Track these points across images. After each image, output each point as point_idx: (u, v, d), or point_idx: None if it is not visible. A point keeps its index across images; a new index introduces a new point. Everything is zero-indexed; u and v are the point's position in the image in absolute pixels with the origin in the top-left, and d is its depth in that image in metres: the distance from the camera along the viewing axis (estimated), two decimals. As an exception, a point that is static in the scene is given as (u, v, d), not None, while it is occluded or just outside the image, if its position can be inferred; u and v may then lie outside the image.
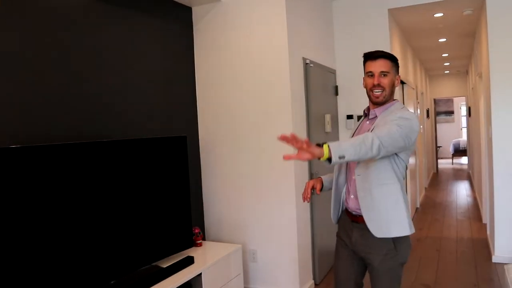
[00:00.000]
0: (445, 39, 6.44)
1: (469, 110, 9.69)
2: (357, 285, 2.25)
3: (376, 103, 2.13)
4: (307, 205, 3.78)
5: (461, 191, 8.51)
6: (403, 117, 1.98)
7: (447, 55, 7.96)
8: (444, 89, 11.41)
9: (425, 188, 9.01)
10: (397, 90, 5.46)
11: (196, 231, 3.45)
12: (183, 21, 3.72)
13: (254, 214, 3.71)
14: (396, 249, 2.07)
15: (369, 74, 2.13)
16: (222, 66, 3.75)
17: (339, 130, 4.79)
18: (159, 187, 2.97)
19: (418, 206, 7.18)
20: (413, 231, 2.07)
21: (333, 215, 2.29)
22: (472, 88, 7.97)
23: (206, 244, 3.49)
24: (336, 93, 4.71)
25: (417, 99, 7.43)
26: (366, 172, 2.06)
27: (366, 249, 2.11)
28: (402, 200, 2.07)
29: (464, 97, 12.39)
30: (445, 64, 9.21)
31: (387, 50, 4.55)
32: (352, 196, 2.16)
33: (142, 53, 3.23)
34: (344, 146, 1.76)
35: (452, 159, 13.70)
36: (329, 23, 4.66)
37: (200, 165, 3.92)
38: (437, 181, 10.06)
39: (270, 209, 3.64)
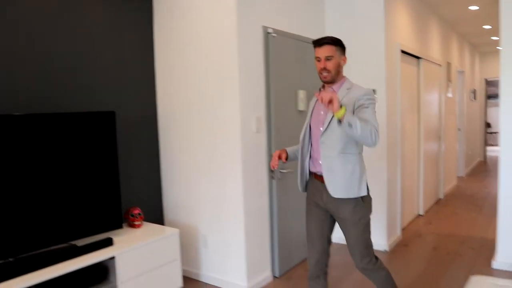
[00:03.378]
0: (477, 7, 5.58)
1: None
2: (327, 240, 2.54)
3: (326, 82, 2.43)
4: (263, 189, 3.40)
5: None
6: (370, 98, 2.32)
7: (490, 27, 6.98)
8: (497, 68, 10.15)
9: (462, 177, 8.14)
10: (410, 66, 4.83)
11: (135, 211, 3.22)
12: (137, -15, 3.42)
13: (206, 197, 3.41)
14: (364, 202, 2.41)
15: (317, 59, 2.40)
16: (180, 38, 3.42)
17: (325, 108, 4.29)
18: (84, 165, 2.77)
19: (442, 197, 6.47)
20: (365, 194, 2.40)
21: (300, 183, 2.58)
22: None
23: (147, 226, 3.25)
24: (321, 67, 4.20)
25: (448, 78, 6.61)
26: (331, 141, 2.36)
27: (337, 205, 2.40)
28: (359, 168, 2.38)
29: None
30: (493, 38, 8.13)
31: (381, 18, 3.97)
32: (320, 161, 2.41)
33: (95, 25, 2.98)
34: (355, 119, 2.12)
35: None
36: (317, -12, 4.14)
37: (158, 144, 3.66)
38: (480, 170, 9.08)
39: (219, 192, 3.31)
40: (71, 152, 2.70)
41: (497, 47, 9.54)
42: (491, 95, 13.07)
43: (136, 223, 3.21)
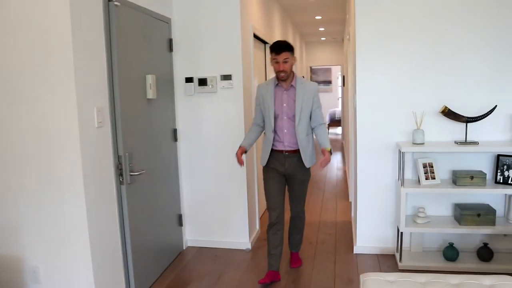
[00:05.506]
0: (314, -4, 5.70)
1: (343, 79, 9.36)
2: (282, 196, 3.19)
3: (282, 80, 3.04)
4: (111, 198, 2.72)
5: (332, 164, 8.16)
6: (318, 94, 3.13)
7: (320, 17, 7.32)
8: (320, 57, 11.00)
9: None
10: (258, 51, 4.58)
11: None
12: None
13: (33, 216, 2.54)
14: (309, 170, 3.21)
15: (275, 61, 2.98)
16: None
17: (175, 96, 3.74)
18: None
19: (286, 183, 6.55)
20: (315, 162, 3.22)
21: (264, 159, 3.16)
22: (347, 56, 7.50)
23: None
24: (170, 49, 3.64)
25: (287, 64, 6.69)
26: (301, 129, 3.06)
27: (295, 170, 3.13)
28: (312, 144, 3.18)
29: (340, 66, 12.22)
30: (320, 29, 8.65)
31: (237, 3, 3.59)
32: (286, 144, 3.09)
33: None
34: (327, 142, 3.06)
35: (328, 129, 13.68)
36: (161, -45, 3.53)
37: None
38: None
39: (53, 208, 2.50)
40: None
41: (322, 38, 10.26)
42: (316, 82, 14.03)
43: None
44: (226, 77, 3.64)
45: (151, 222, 3.22)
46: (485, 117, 3.30)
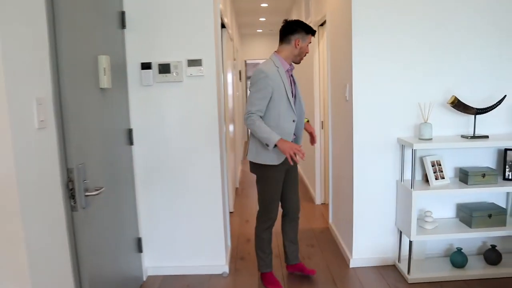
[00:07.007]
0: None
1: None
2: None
3: (296, 63, 2.87)
4: (61, 231, 1.88)
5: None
6: None
7: (266, 5, 6.76)
8: (256, 51, 10.41)
9: (240, 160, 7.90)
10: (218, 34, 3.88)
11: None
12: None
13: None
14: None
15: (307, 44, 2.79)
16: None
17: (129, 85, 2.93)
18: None
19: (238, 186, 5.92)
20: None
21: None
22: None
23: None
24: (123, 25, 2.82)
25: (233, 55, 6.05)
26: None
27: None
28: None
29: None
30: (261, 19, 8.10)
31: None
32: (294, 136, 2.85)
33: None
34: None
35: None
36: None
37: None
38: (245, 150, 9.10)
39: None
40: None
41: (258, 30, 9.72)
42: (249, 76, 13.62)
43: None
44: (195, 63, 2.91)
45: (110, 254, 2.41)
46: (495, 107, 2.95)
